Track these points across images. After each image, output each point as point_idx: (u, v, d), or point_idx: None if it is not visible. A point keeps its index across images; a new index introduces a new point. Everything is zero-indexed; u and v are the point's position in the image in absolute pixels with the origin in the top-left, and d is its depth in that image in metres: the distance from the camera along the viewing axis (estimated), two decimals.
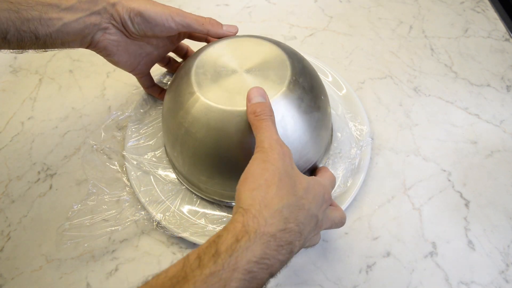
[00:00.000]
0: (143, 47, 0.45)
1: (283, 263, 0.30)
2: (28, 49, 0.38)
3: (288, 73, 0.40)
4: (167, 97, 0.45)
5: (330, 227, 0.37)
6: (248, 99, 0.36)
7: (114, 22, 0.40)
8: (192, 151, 0.41)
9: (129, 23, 0.41)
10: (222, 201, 0.45)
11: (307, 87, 0.41)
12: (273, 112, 0.36)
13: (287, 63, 0.41)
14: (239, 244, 0.28)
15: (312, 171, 0.45)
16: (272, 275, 0.29)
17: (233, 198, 0.42)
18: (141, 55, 0.46)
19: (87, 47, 0.42)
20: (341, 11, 0.68)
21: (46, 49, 0.39)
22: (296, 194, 0.31)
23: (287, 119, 0.39)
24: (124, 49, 0.43)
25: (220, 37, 0.45)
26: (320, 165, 0.46)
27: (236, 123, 0.38)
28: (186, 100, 0.40)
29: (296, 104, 0.39)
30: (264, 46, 0.43)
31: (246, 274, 0.27)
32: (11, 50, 0.38)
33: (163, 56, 0.49)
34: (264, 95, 0.36)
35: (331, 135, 0.49)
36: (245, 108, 0.37)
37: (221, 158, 0.39)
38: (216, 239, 0.29)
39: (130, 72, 0.47)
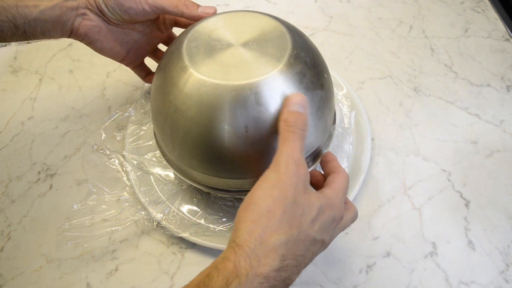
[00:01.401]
0: (128, 34, 0.44)
1: None
2: (10, 41, 0.38)
3: (288, 46, 0.37)
4: (156, 75, 0.41)
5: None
6: (286, 104, 0.34)
7: (91, 7, 0.40)
8: (183, 132, 0.37)
9: (103, 7, 0.40)
10: (216, 189, 0.41)
11: (309, 62, 0.38)
12: (307, 127, 0.33)
13: (287, 36, 0.38)
14: None
15: (316, 156, 0.42)
16: None
17: (228, 186, 0.40)
18: (128, 43, 0.45)
19: (69, 36, 0.41)
20: (341, 11, 0.68)
21: (29, 41, 0.39)
22: (300, 226, 0.29)
23: None
24: (107, 36, 0.42)
25: (196, 20, 0.43)
26: (324, 151, 0.43)
27: (231, 98, 0.34)
28: (177, 75, 0.37)
29: (298, 79, 0.36)
30: (262, 20, 0.40)
31: None
32: None
33: (154, 44, 0.48)
34: (304, 105, 0.34)
35: (334, 119, 0.46)
36: (241, 82, 0.34)
37: (214, 138, 0.36)
38: (205, 279, 0.27)
39: (120, 62, 0.46)
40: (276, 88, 0.35)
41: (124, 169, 0.49)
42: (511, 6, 0.68)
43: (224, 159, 0.37)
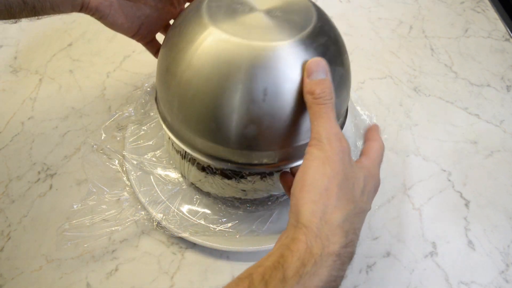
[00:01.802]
0: (140, 9, 0.43)
1: (344, 275, 0.29)
2: (19, 17, 0.37)
3: (313, 17, 0.36)
4: (169, 33, 0.39)
5: None
6: (307, 73, 0.32)
7: None
8: (194, 92, 0.34)
9: None
10: (220, 160, 0.37)
11: (333, 37, 0.37)
12: (333, 94, 0.32)
13: (312, 9, 0.37)
14: (306, 269, 0.26)
15: None
16: None
17: (233, 157, 0.37)
18: (139, 18, 0.43)
19: (79, 11, 0.40)
20: (341, 11, 0.68)
21: (39, 16, 0.38)
22: (354, 199, 0.30)
23: None
24: (118, 10, 0.41)
25: None
26: None
27: (252, 57, 0.32)
28: (194, 32, 0.35)
29: (321, 51, 0.34)
30: None
31: None
32: (4, 21, 0.37)
33: (166, 19, 0.47)
34: (325, 70, 0.32)
35: (346, 113, 0.44)
36: (264, 43, 0.32)
37: (227, 99, 0.33)
38: (280, 259, 0.27)
39: (131, 37, 0.45)
40: (300, 55, 0.33)
41: (124, 169, 0.49)
42: (511, 6, 0.68)
43: (235, 125, 0.34)
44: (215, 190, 0.44)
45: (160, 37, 0.48)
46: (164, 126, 0.41)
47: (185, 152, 0.43)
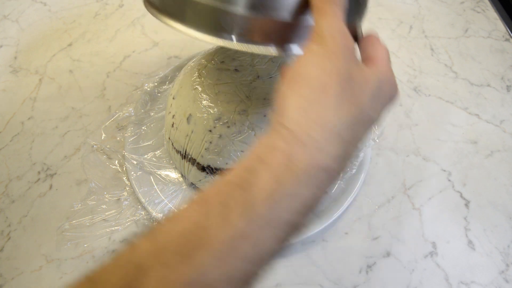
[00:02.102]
0: None
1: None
2: None
3: None
4: None
5: None
6: None
7: None
8: None
9: None
10: (220, 31, 0.29)
11: None
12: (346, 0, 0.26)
13: None
14: (283, 190, 0.20)
15: None
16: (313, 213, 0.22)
17: (240, 25, 0.29)
18: None
19: None
20: None
21: None
22: (361, 104, 0.23)
23: None
24: None
25: None
26: None
27: None
28: None
29: None
30: None
31: (287, 229, 0.20)
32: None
33: None
34: None
35: None
36: None
37: None
38: (248, 176, 0.21)
39: None
40: None
41: (124, 169, 0.49)
42: (511, 6, 0.68)
43: None
44: None
45: None
46: (153, 11, 0.32)
47: (185, 152, 0.43)
